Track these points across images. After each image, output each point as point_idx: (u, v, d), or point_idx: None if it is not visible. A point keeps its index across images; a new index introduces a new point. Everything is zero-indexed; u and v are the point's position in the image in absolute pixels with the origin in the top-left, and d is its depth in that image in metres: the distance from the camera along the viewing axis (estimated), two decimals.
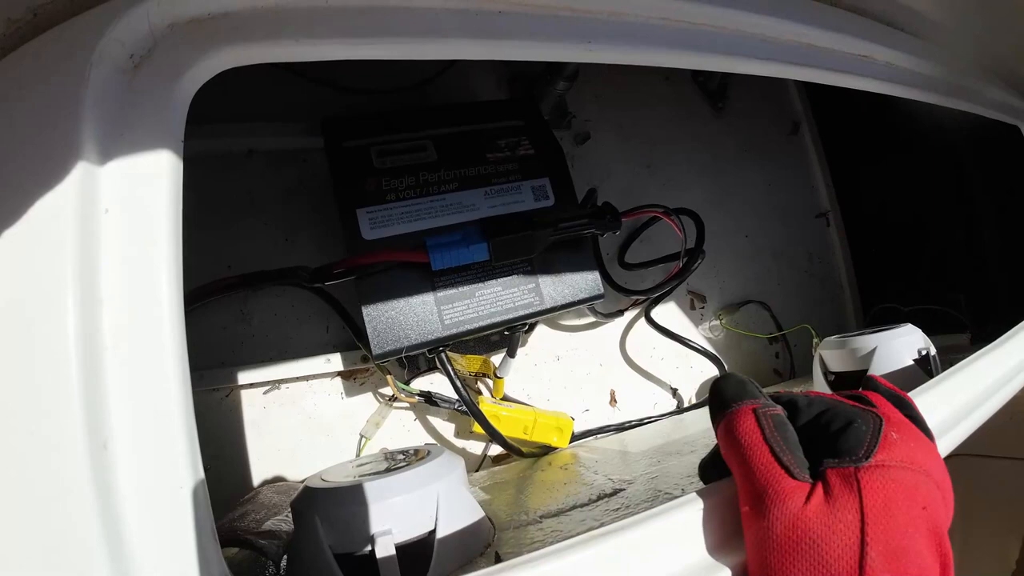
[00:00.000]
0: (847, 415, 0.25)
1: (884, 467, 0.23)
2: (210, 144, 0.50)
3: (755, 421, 0.25)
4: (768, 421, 0.25)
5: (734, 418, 0.26)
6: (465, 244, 0.44)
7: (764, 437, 0.24)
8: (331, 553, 0.29)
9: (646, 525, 0.24)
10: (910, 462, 0.23)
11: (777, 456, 0.24)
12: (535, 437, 0.53)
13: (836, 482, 0.23)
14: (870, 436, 0.24)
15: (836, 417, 0.25)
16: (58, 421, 0.18)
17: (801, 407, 0.26)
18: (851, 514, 0.22)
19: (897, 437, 0.24)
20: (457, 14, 0.27)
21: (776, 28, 0.38)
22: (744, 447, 0.25)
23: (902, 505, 0.22)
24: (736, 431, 0.25)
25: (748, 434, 0.25)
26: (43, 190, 0.19)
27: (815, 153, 0.84)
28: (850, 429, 0.24)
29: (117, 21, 0.22)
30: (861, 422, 0.24)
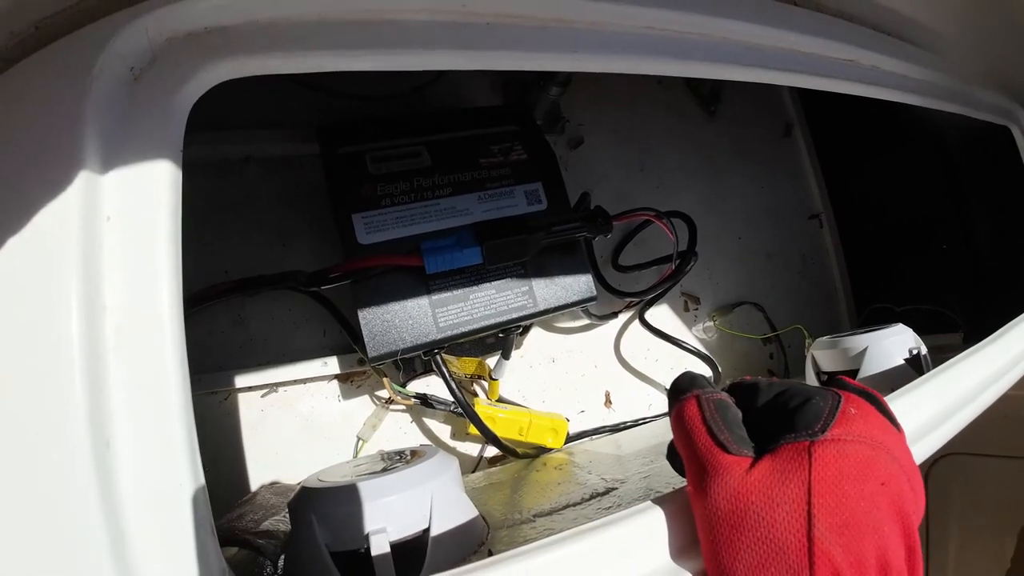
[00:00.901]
0: (805, 393, 0.25)
1: (839, 441, 0.23)
2: (207, 151, 0.51)
3: (697, 406, 0.26)
4: (709, 405, 0.26)
5: (680, 406, 0.27)
6: (459, 248, 0.45)
7: (703, 419, 0.25)
8: (327, 552, 0.30)
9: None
10: (868, 437, 0.23)
11: (713, 434, 0.24)
12: (530, 438, 0.54)
13: (786, 455, 0.23)
14: (827, 411, 0.24)
15: (794, 395, 0.25)
16: (63, 422, 0.19)
17: (761, 388, 0.27)
18: (797, 486, 0.22)
19: (856, 412, 0.24)
20: (446, 26, 0.28)
21: (761, 34, 0.39)
22: (686, 430, 0.25)
23: (856, 478, 0.22)
24: (681, 417, 0.26)
25: (690, 419, 0.26)
26: (47, 198, 0.20)
27: (808, 155, 0.85)
28: (807, 405, 0.24)
29: (117, 35, 0.22)
30: (819, 398, 0.24)
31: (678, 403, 0.27)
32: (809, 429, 0.23)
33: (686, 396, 0.27)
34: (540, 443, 0.55)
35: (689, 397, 0.27)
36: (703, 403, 0.26)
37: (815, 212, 0.85)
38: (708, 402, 0.26)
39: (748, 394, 0.27)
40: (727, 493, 0.23)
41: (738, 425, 0.25)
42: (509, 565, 0.22)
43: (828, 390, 0.25)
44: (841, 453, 0.22)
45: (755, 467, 0.23)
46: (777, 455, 0.23)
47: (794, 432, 0.23)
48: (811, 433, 0.23)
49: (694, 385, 0.27)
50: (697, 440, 0.25)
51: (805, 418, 0.24)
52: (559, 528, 0.34)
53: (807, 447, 0.22)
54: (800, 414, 0.24)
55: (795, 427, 0.23)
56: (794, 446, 0.23)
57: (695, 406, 0.26)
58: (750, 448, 0.24)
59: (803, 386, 0.26)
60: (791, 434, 0.23)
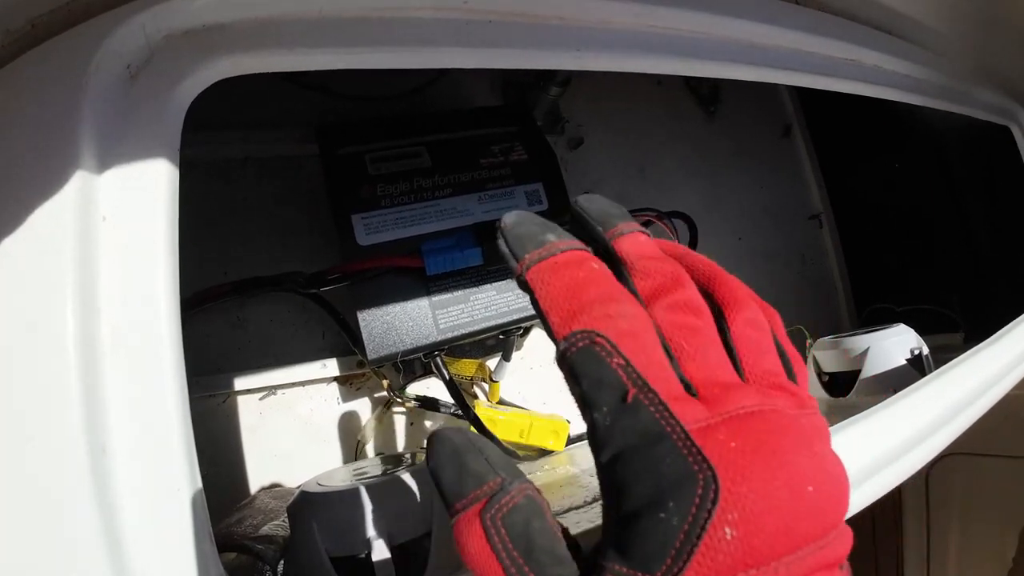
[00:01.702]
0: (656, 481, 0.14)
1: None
2: (206, 151, 0.50)
3: (484, 538, 0.16)
4: (500, 531, 0.16)
5: (459, 533, 0.17)
6: (459, 249, 0.45)
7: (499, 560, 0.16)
8: (327, 557, 0.29)
9: None
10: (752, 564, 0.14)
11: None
12: (531, 440, 0.54)
13: None
14: (682, 537, 0.14)
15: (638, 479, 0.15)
16: (58, 426, 0.18)
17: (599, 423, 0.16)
18: None
19: (735, 534, 0.14)
20: (448, 24, 0.27)
21: (763, 33, 0.39)
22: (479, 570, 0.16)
23: None
24: (466, 554, 0.17)
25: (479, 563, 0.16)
26: (42, 198, 0.19)
27: (807, 155, 0.85)
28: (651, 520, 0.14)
29: (114, 33, 0.22)
30: (673, 507, 0.14)
31: (456, 522, 0.17)
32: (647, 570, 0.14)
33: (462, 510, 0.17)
34: (541, 445, 0.54)
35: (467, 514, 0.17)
36: (491, 532, 0.16)
37: (815, 212, 0.85)
38: (497, 527, 0.16)
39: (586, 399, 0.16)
40: None
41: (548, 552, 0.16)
42: None
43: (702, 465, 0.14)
44: None
45: None
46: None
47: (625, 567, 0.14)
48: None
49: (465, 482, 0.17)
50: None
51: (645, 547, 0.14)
52: None
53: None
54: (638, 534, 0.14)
55: (627, 556, 0.14)
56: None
57: (482, 539, 0.16)
58: None
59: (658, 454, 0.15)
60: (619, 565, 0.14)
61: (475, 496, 0.17)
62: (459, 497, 0.17)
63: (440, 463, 0.18)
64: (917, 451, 0.37)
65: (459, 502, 0.17)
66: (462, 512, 0.17)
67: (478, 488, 0.17)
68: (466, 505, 0.17)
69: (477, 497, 0.17)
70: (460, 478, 0.18)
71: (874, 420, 0.35)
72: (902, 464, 0.35)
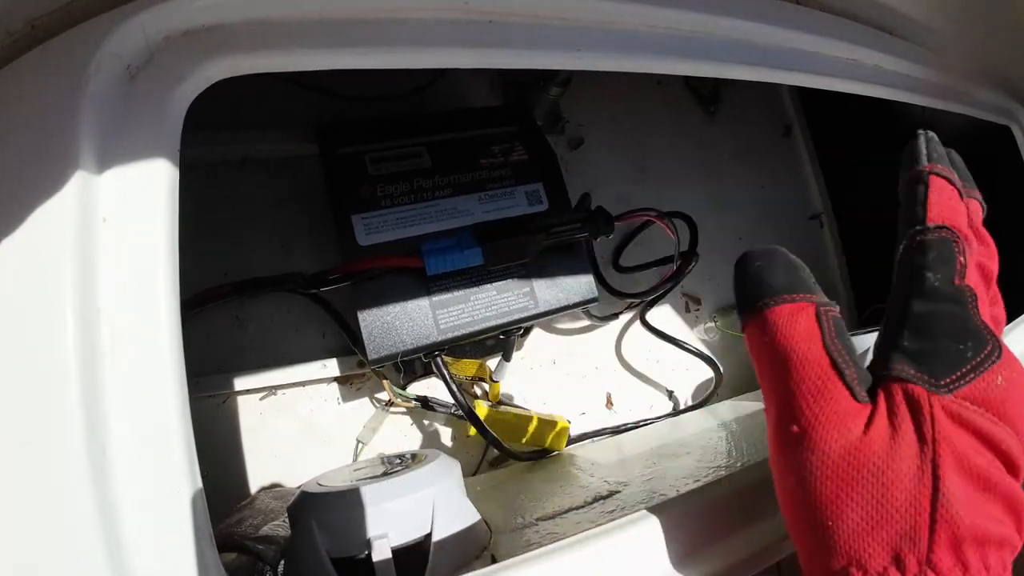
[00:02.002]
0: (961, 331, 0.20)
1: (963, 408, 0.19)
2: (205, 152, 0.50)
3: (816, 322, 0.20)
4: (830, 324, 0.20)
5: (783, 314, 0.20)
6: (459, 249, 0.45)
7: (824, 344, 0.20)
8: (328, 557, 0.29)
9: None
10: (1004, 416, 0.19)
11: (839, 369, 0.20)
12: (531, 440, 0.54)
13: (901, 400, 0.19)
14: (969, 367, 0.19)
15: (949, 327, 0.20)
16: (58, 427, 0.18)
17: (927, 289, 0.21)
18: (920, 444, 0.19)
19: (1003, 384, 0.19)
20: (447, 23, 0.27)
21: (764, 33, 0.39)
22: (798, 354, 0.20)
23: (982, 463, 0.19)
24: (786, 330, 0.20)
25: (805, 338, 0.20)
26: (42, 199, 0.19)
27: (808, 155, 0.85)
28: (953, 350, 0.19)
29: (113, 33, 0.22)
30: (971, 346, 0.20)
31: (777, 308, 0.21)
32: (935, 377, 0.19)
33: (791, 299, 0.21)
34: (541, 445, 0.54)
35: (798, 304, 0.20)
36: (823, 320, 0.20)
37: (815, 212, 0.84)
38: (828, 319, 0.20)
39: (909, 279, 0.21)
40: (845, 445, 0.19)
41: (857, 360, 0.20)
42: (513, 572, 0.22)
43: (992, 339, 0.20)
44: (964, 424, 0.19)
45: (875, 415, 0.19)
46: (893, 401, 0.19)
47: (917, 369, 0.19)
48: (933, 383, 0.19)
49: (800, 285, 0.21)
50: (814, 372, 0.20)
51: (940, 362, 0.19)
52: (562, 532, 0.33)
53: (926, 397, 0.19)
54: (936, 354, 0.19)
55: (921, 363, 0.19)
56: (910, 389, 0.19)
57: (813, 320, 0.20)
58: (867, 387, 0.20)
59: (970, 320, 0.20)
60: (912, 369, 0.19)
61: (806, 296, 0.21)
62: (789, 291, 0.21)
63: (770, 263, 0.22)
64: None
65: (789, 294, 0.21)
66: (791, 301, 0.21)
67: (809, 294, 0.21)
68: (796, 298, 0.21)
69: (810, 297, 0.21)
70: (793, 279, 0.21)
71: None
72: None
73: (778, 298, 0.21)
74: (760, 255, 0.22)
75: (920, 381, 0.19)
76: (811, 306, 0.21)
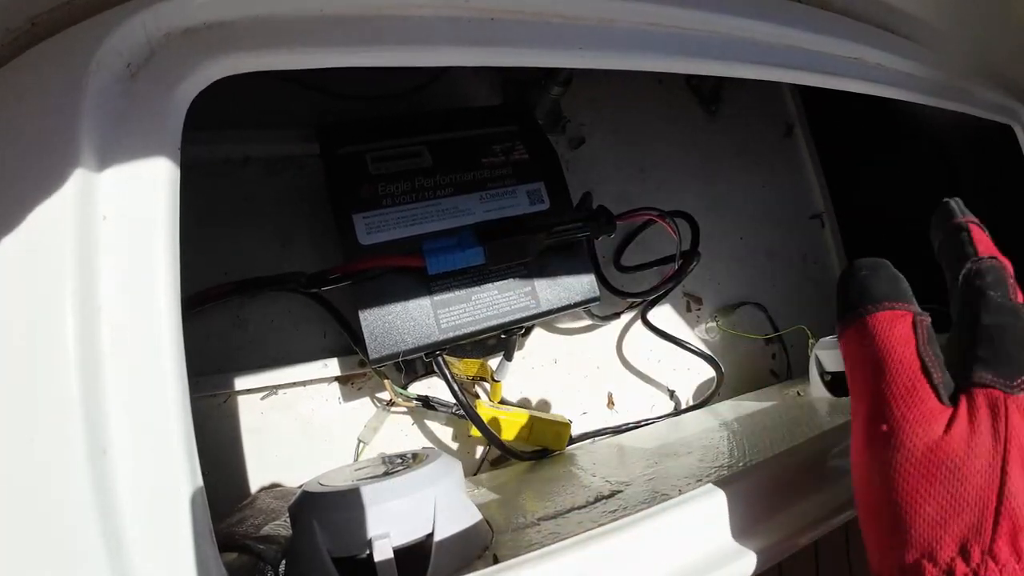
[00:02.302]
0: None
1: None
2: (207, 151, 0.50)
3: (911, 329, 0.23)
4: (923, 332, 0.23)
5: (883, 320, 0.23)
6: (460, 248, 0.44)
7: (918, 352, 0.22)
8: (329, 557, 0.29)
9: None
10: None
11: (928, 373, 0.22)
12: (533, 440, 0.54)
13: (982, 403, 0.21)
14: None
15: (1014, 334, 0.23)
16: (58, 426, 0.18)
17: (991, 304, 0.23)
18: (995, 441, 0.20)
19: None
20: (449, 21, 0.27)
21: (766, 31, 0.39)
22: (894, 358, 0.22)
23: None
24: (886, 337, 0.22)
25: (901, 344, 0.22)
26: (42, 197, 0.19)
27: (809, 155, 0.85)
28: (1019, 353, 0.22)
29: (114, 31, 0.22)
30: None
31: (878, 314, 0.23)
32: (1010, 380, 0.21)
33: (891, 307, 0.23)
34: (543, 445, 0.54)
35: (898, 312, 0.23)
36: (919, 328, 0.23)
37: (816, 212, 0.84)
38: (923, 328, 0.23)
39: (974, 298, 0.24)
40: (928, 442, 0.21)
41: (943, 366, 0.23)
42: (515, 572, 0.22)
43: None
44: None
45: (956, 416, 0.21)
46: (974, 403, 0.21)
47: (992, 373, 0.22)
48: (1009, 385, 0.21)
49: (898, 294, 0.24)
50: (906, 375, 0.22)
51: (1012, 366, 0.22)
52: (564, 532, 0.33)
53: (1003, 399, 0.21)
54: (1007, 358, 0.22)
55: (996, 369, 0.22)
56: (990, 393, 0.21)
57: (909, 329, 0.23)
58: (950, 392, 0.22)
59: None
60: (989, 375, 0.22)
61: (904, 305, 0.23)
62: (891, 298, 0.23)
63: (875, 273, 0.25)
64: None
65: (890, 301, 0.23)
66: (891, 309, 0.23)
67: (908, 303, 0.23)
68: (896, 306, 0.23)
69: (908, 307, 0.23)
70: (896, 289, 0.24)
71: None
72: None
73: (880, 305, 0.23)
74: (867, 265, 0.25)
75: (998, 384, 0.21)
76: (909, 315, 0.23)
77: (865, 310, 0.24)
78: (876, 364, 0.22)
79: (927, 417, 0.21)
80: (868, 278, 0.25)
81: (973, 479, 0.20)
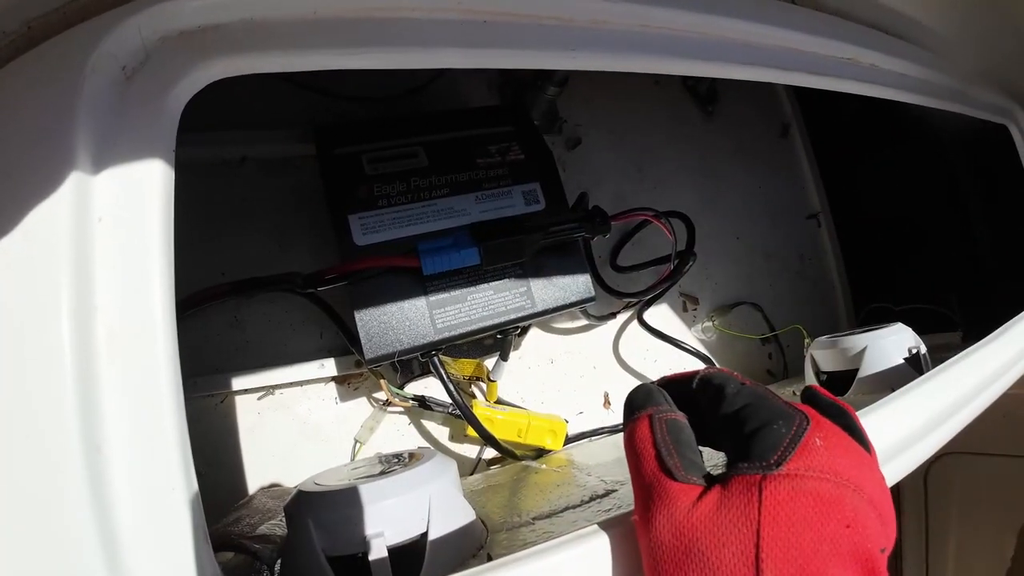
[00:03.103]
0: (768, 413, 0.23)
1: (796, 476, 0.20)
2: (203, 152, 0.50)
3: (649, 427, 0.24)
4: (661, 426, 0.24)
5: (633, 427, 0.25)
6: (456, 249, 0.45)
7: (653, 441, 0.24)
8: (324, 556, 0.29)
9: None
10: (832, 473, 0.21)
11: (662, 459, 0.23)
12: (529, 440, 0.54)
13: (736, 489, 0.21)
14: (788, 440, 0.21)
15: (755, 414, 0.23)
16: (53, 426, 0.18)
17: (727, 395, 0.24)
18: (746, 527, 0.20)
19: (821, 444, 0.21)
20: (441, 24, 0.27)
21: (759, 33, 0.39)
22: (635, 452, 0.24)
23: (813, 521, 0.20)
24: (632, 438, 0.25)
25: (640, 440, 0.24)
26: (38, 199, 0.19)
27: (805, 155, 0.85)
28: (766, 430, 0.22)
29: (109, 34, 0.22)
30: (782, 423, 0.22)
31: (631, 422, 0.25)
32: (764, 460, 0.21)
33: (639, 415, 0.25)
34: (539, 445, 0.54)
35: (642, 416, 0.25)
36: (655, 424, 0.24)
37: (813, 212, 0.85)
38: (661, 423, 0.24)
39: (713, 399, 0.25)
40: (672, 525, 0.21)
41: (691, 449, 0.24)
42: (508, 570, 0.22)
43: (797, 411, 0.23)
44: (796, 491, 0.20)
45: (703, 499, 0.21)
46: (727, 488, 0.21)
47: (747, 461, 0.21)
48: (764, 465, 0.21)
49: (648, 402, 0.26)
50: (644, 464, 0.23)
51: (761, 446, 0.21)
52: (558, 531, 0.34)
53: (758, 482, 0.20)
54: (757, 440, 0.22)
55: (749, 455, 0.21)
56: (745, 479, 0.21)
57: (647, 427, 0.24)
58: (700, 475, 0.22)
59: (771, 402, 0.24)
60: (744, 463, 0.21)
61: (652, 408, 0.25)
62: (641, 408, 0.26)
63: (635, 393, 0.27)
64: (915, 449, 0.37)
65: (639, 411, 0.25)
66: (639, 415, 0.25)
67: (655, 406, 0.25)
68: (643, 412, 0.25)
69: (652, 409, 0.25)
70: (645, 399, 0.26)
71: (872, 418, 0.35)
72: (900, 462, 0.36)
73: (633, 415, 0.26)
74: (633, 390, 0.28)
75: (754, 469, 0.21)
76: (647, 417, 0.25)
77: (631, 419, 0.26)
78: (631, 460, 0.24)
79: (666, 495, 0.22)
80: (631, 399, 0.27)
81: (723, 569, 0.19)
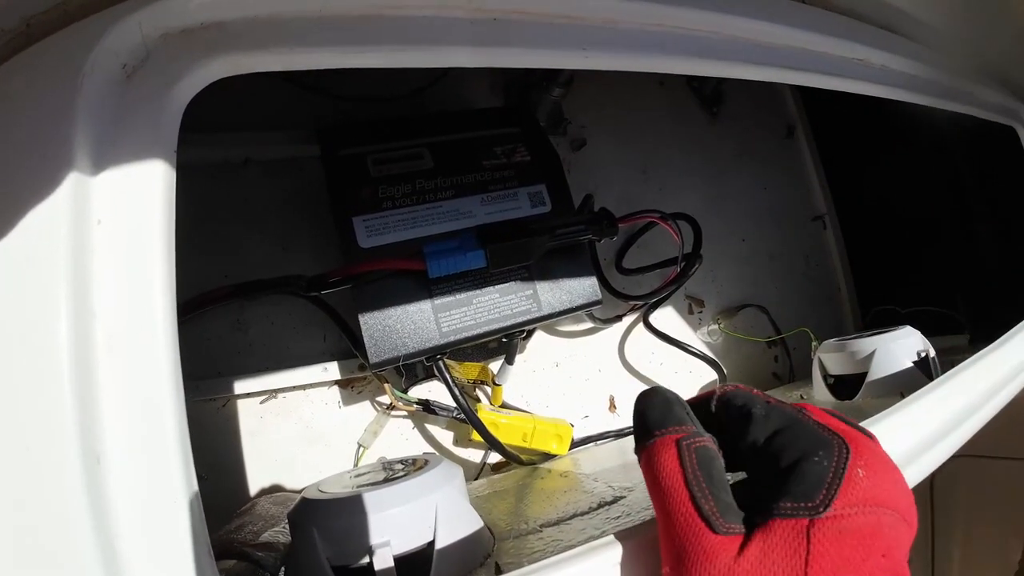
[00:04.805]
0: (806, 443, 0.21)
1: (843, 518, 0.19)
2: (206, 153, 0.50)
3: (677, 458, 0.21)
4: (691, 457, 0.21)
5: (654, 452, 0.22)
6: (462, 251, 0.44)
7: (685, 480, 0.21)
8: (329, 565, 0.29)
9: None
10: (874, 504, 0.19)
11: (698, 504, 0.20)
12: (534, 444, 0.53)
13: (780, 537, 0.19)
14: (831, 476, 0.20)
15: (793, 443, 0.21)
16: (51, 434, 0.18)
17: (755, 420, 0.22)
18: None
19: (863, 475, 0.20)
20: (451, 22, 0.27)
21: (771, 32, 0.38)
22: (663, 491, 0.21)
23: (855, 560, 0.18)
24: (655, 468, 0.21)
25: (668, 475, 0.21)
26: (36, 200, 0.19)
27: (810, 156, 0.84)
28: (807, 465, 0.20)
29: (110, 31, 0.21)
30: (823, 455, 0.20)
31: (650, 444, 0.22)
32: (808, 501, 0.19)
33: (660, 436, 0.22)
34: (544, 449, 0.54)
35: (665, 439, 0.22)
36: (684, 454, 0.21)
37: (818, 213, 0.84)
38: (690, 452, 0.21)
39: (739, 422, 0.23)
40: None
41: (725, 489, 0.21)
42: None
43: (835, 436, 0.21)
44: (842, 532, 0.19)
45: (745, 551, 0.19)
46: (769, 535, 0.19)
47: (791, 502, 0.19)
48: (810, 508, 0.19)
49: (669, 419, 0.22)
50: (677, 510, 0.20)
51: (804, 484, 0.20)
52: (567, 539, 0.33)
53: (805, 528, 0.19)
54: (797, 476, 0.20)
55: (791, 494, 0.20)
56: (789, 524, 0.19)
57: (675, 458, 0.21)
58: (739, 520, 0.20)
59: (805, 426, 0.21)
60: (787, 504, 0.19)
61: (675, 429, 0.22)
62: (661, 426, 0.22)
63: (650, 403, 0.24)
64: (928, 456, 0.36)
65: (659, 430, 0.22)
66: (660, 437, 0.22)
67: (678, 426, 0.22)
68: (665, 433, 0.22)
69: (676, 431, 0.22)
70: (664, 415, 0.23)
71: (885, 424, 0.34)
72: (914, 469, 0.35)
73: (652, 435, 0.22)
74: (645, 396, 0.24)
75: (799, 512, 0.19)
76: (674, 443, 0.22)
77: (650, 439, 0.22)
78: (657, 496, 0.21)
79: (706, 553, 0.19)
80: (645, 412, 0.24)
81: None
